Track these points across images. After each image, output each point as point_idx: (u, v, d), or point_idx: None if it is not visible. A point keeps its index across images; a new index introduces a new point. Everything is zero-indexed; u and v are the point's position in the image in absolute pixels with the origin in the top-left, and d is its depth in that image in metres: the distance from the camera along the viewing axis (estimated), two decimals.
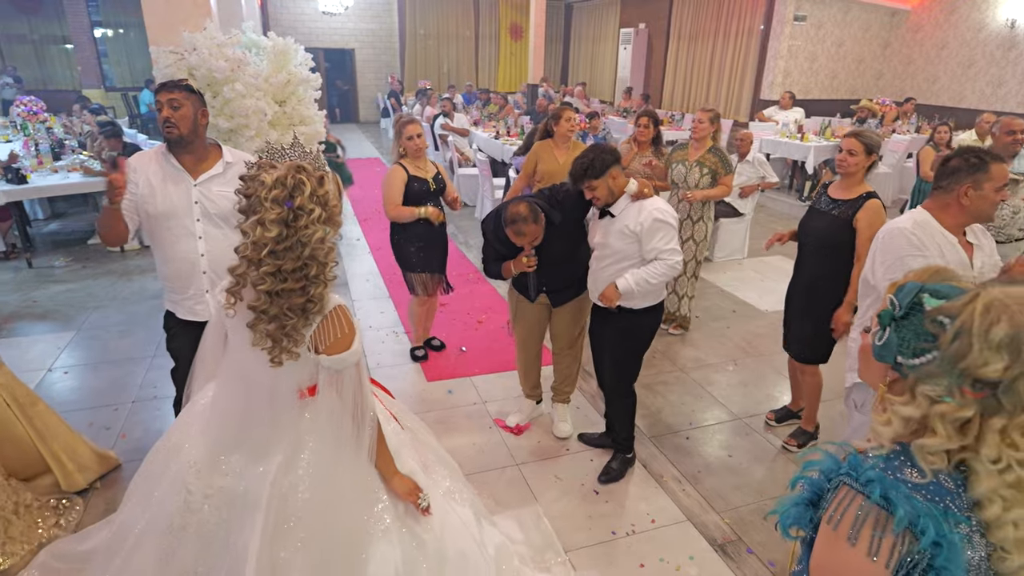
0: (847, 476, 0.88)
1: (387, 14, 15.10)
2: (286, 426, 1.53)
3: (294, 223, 1.32)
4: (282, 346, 1.39)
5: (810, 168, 7.66)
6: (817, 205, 2.75)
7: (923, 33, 10.05)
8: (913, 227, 2.02)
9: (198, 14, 4.03)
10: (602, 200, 2.43)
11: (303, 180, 1.33)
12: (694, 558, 2.34)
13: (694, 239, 4.04)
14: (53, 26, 12.43)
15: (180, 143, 2.20)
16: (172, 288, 2.34)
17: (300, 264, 1.34)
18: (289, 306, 1.36)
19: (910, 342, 0.89)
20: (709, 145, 3.90)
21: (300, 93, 4.11)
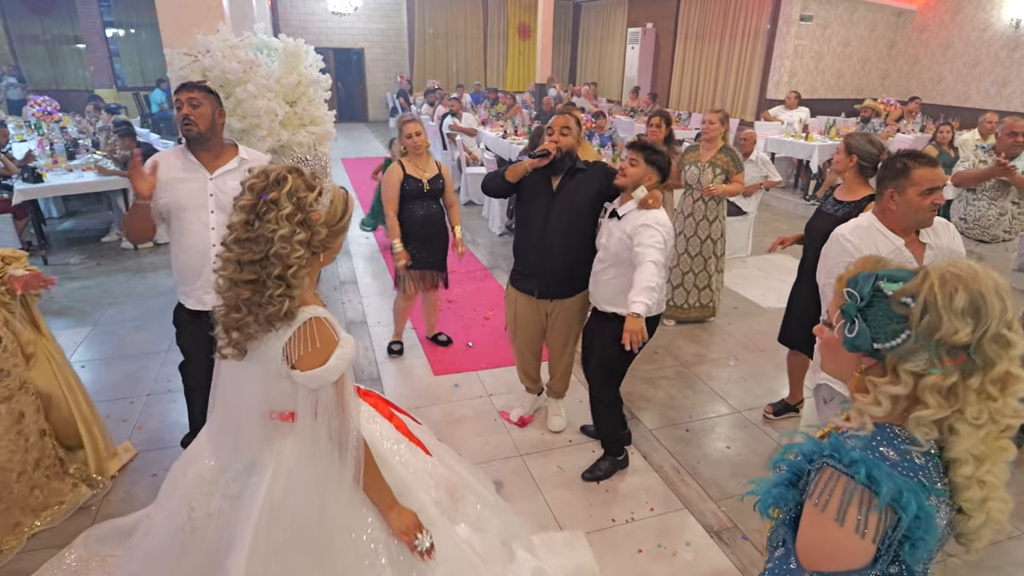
0: (830, 458, 0.92)
1: (396, 14, 15.21)
2: (247, 443, 1.46)
3: (264, 215, 1.29)
4: (230, 337, 1.34)
5: (814, 167, 7.70)
6: (823, 207, 2.81)
7: (928, 33, 10.04)
8: (850, 233, 2.10)
9: (211, 17, 4.13)
10: (625, 180, 2.48)
11: (286, 177, 1.31)
12: (691, 544, 2.42)
13: (711, 238, 4.14)
14: (65, 26, 12.61)
15: (199, 140, 2.30)
16: (183, 279, 2.44)
17: (260, 258, 1.29)
18: (247, 299, 1.31)
19: (883, 326, 0.93)
20: (720, 145, 3.97)
21: (311, 94, 4.21)
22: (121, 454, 2.77)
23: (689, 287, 4.29)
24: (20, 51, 12.42)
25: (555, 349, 2.98)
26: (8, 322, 2.31)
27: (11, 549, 2.28)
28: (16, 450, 2.28)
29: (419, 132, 3.43)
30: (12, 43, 12.32)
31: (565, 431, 3.13)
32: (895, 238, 2.05)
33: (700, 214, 4.10)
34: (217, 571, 1.43)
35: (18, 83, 11.35)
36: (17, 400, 2.28)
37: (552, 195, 2.71)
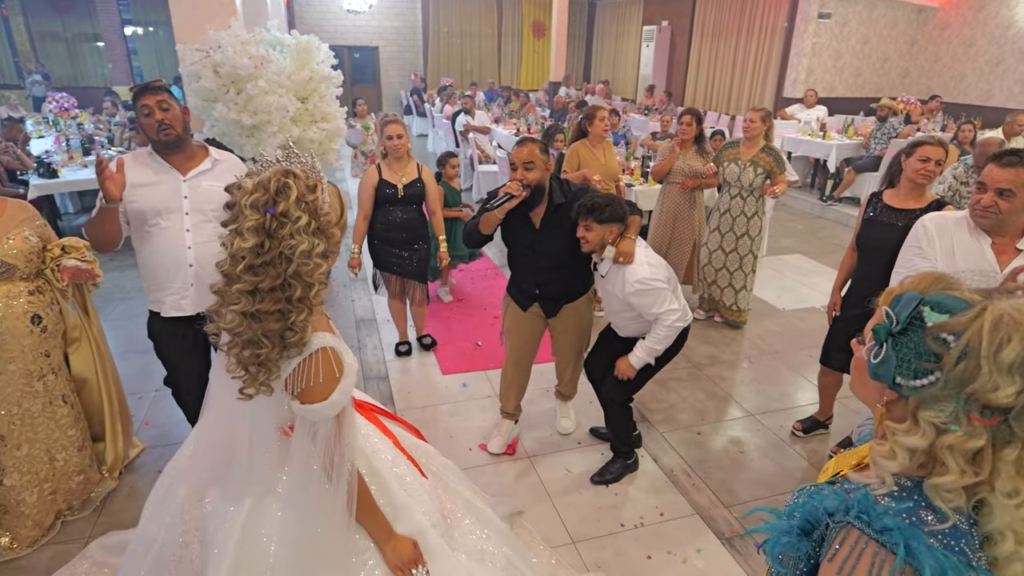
0: (858, 520, 0.80)
1: (411, 12, 15.22)
2: (262, 468, 1.36)
3: (276, 232, 1.14)
4: (255, 377, 1.21)
5: (832, 167, 7.56)
6: (878, 217, 2.57)
7: (950, 31, 9.84)
8: (932, 219, 1.98)
9: (224, 13, 4.14)
10: (589, 246, 2.37)
11: (289, 184, 1.15)
12: (701, 551, 2.36)
13: (749, 234, 4.07)
14: (85, 24, 12.78)
15: (176, 144, 2.21)
16: (156, 285, 2.35)
17: (281, 283, 1.16)
18: (264, 331, 1.17)
19: (910, 361, 0.79)
20: (762, 144, 3.90)
21: (322, 90, 4.20)
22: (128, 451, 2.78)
23: (724, 285, 4.23)
24: (41, 49, 12.63)
25: (564, 355, 2.89)
26: (56, 303, 2.35)
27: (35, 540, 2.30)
28: (55, 428, 2.33)
29: (400, 135, 3.31)
30: (33, 41, 12.53)
31: (574, 432, 3.08)
32: (983, 236, 1.90)
33: (738, 210, 4.04)
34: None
35: (43, 80, 11.53)
36: (54, 382, 2.33)
37: (535, 233, 2.52)
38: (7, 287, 2.18)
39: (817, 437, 3.14)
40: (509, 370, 2.89)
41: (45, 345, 2.29)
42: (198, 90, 3.79)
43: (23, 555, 2.27)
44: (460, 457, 2.87)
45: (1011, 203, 1.81)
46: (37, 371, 2.26)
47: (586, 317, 2.80)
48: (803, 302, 4.86)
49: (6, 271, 2.17)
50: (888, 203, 2.56)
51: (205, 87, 3.75)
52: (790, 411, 3.32)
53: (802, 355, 3.97)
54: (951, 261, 1.94)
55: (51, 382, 2.32)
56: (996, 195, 1.83)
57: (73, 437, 2.41)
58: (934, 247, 1.96)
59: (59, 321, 2.37)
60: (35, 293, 2.26)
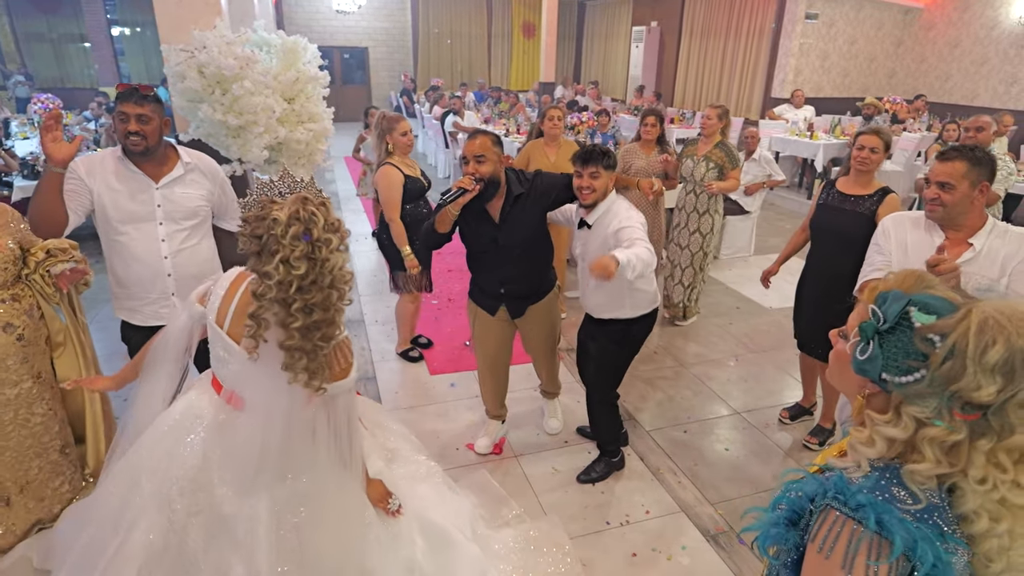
0: (835, 500, 0.84)
1: (401, 13, 15.19)
2: (298, 453, 1.53)
3: (316, 255, 1.32)
4: (323, 375, 1.41)
5: (819, 166, 7.62)
6: (829, 201, 2.75)
7: (936, 31, 9.94)
8: (892, 219, 2.09)
9: (209, 13, 4.11)
10: (594, 196, 2.35)
11: (314, 212, 1.32)
12: (686, 548, 2.38)
13: (700, 231, 4.08)
14: (71, 24, 12.65)
15: (143, 154, 2.17)
16: (131, 294, 2.31)
17: (326, 295, 1.35)
18: (322, 336, 1.37)
19: (897, 358, 0.83)
20: (717, 140, 3.93)
21: (309, 91, 4.17)
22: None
23: (676, 281, 4.26)
24: (26, 49, 12.48)
25: (538, 354, 2.89)
26: (36, 309, 2.28)
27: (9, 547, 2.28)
28: (27, 435, 2.27)
29: (411, 130, 3.40)
30: (18, 41, 12.38)
31: (561, 431, 3.09)
32: (936, 232, 1.98)
33: (691, 206, 4.07)
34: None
35: (26, 81, 11.40)
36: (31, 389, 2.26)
37: (496, 227, 2.48)
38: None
39: (804, 425, 3.19)
40: (486, 376, 2.87)
41: (22, 353, 2.21)
42: (183, 91, 3.76)
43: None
44: (448, 457, 2.88)
45: (952, 195, 1.90)
46: (11, 380, 2.18)
47: (554, 313, 2.78)
48: (790, 300, 4.85)
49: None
50: (839, 189, 2.72)
51: (190, 88, 3.72)
52: (776, 408, 3.34)
53: (789, 353, 3.99)
54: (904, 256, 2.02)
55: (27, 390, 2.24)
56: (938, 188, 1.92)
57: (47, 444, 2.33)
58: (890, 243, 2.07)
59: (39, 327, 2.31)
60: (9, 301, 2.18)
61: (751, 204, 5.63)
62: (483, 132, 2.42)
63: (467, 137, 2.45)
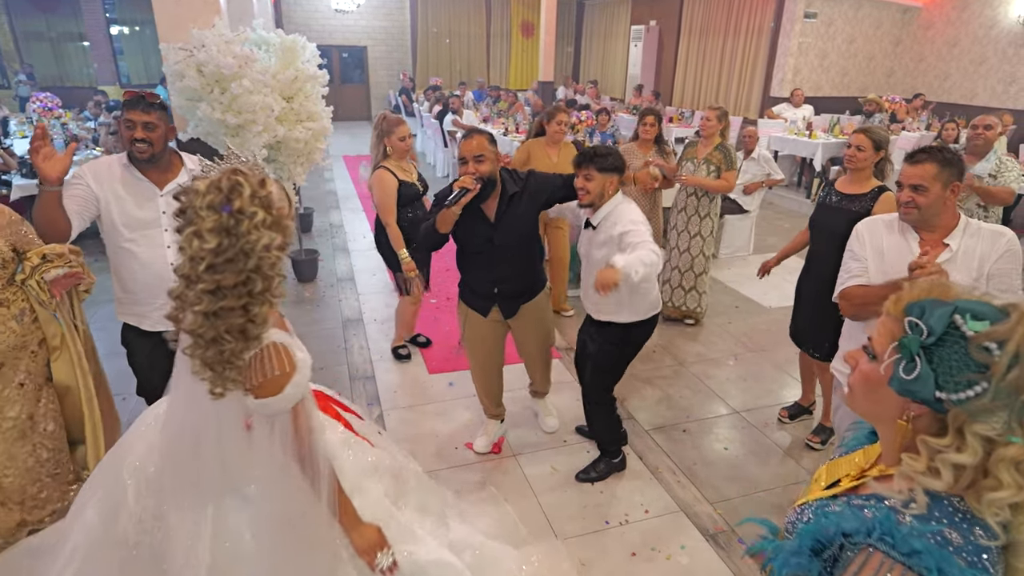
0: (881, 542, 0.76)
1: (399, 12, 15.17)
2: (234, 465, 1.36)
3: (235, 230, 1.15)
4: (223, 375, 1.22)
5: (818, 165, 7.63)
6: (827, 201, 2.77)
7: (934, 30, 9.95)
8: (865, 224, 2.08)
9: (208, 11, 4.11)
10: (589, 197, 2.36)
11: (240, 181, 1.17)
12: (685, 547, 2.38)
13: (701, 234, 4.09)
14: (70, 23, 12.63)
15: (149, 160, 2.18)
16: (137, 300, 2.31)
17: (243, 278, 1.18)
18: (228, 327, 1.18)
19: (953, 373, 0.74)
20: (717, 143, 3.93)
21: (307, 89, 4.17)
22: None
23: (675, 284, 4.25)
24: (25, 48, 12.47)
25: (533, 354, 2.87)
26: (28, 313, 2.22)
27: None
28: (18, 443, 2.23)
29: (412, 134, 3.35)
30: (17, 40, 12.37)
31: (560, 430, 3.09)
32: (911, 235, 1.97)
33: (692, 209, 4.08)
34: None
35: (28, 80, 11.40)
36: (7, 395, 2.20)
37: (491, 226, 2.47)
38: None
39: (803, 424, 3.19)
40: (479, 377, 2.85)
41: (11, 356, 2.14)
42: (182, 89, 3.75)
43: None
44: (446, 456, 2.88)
45: (926, 197, 1.90)
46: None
47: (546, 312, 2.80)
48: (789, 300, 4.85)
49: None
50: (838, 188, 2.75)
51: (189, 86, 3.72)
52: (775, 408, 3.34)
53: (788, 352, 3.99)
54: (881, 261, 2.01)
55: (5, 397, 2.16)
56: (912, 191, 1.92)
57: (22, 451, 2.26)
58: (865, 249, 2.05)
59: (29, 332, 2.23)
60: (4, 304, 2.11)
61: (750, 203, 5.63)
62: (479, 131, 2.43)
63: (462, 137, 2.44)
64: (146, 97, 2.16)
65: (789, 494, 2.70)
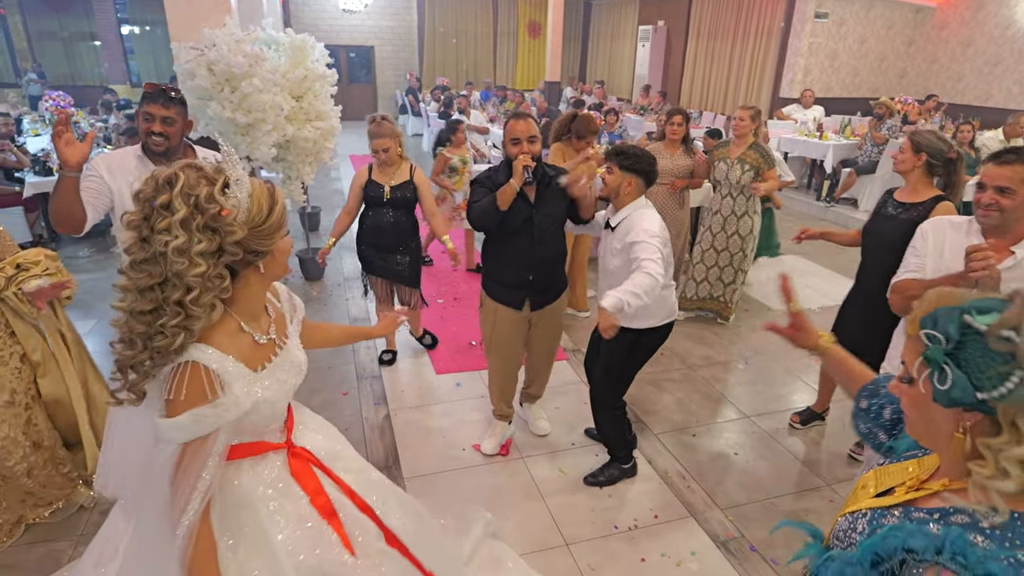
0: (953, 563, 0.73)
1: (406, 12, 15.18)
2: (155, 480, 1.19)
3: (156, 226, 1.06)
4: (127, 380, 1.13)
5: (828, 167, 7.56)
6: (883, 210, 2.66)
7: (948, 31, 9.84)
8: (932, 224, 2.00)
9: (219, 11, 4.12)
10: (607, 189, 2.40)
11: (178, 175, 1.07)
12: (696, 554, 2.35)
13: (739, 233, 4.07)
14: (82, 23, 12.75)
15: (163, 154, 2.19)
16: None
17: (157, 282, 1.07)
18: (142, 333, 1.09)
19: (984, 370, 0.74)
20: (750, 142, 3.91)
21: (316, 89, 4.17)
22: None
23: (714, 280, 4.25)
24: (38, 47, 12.60)
25: (541, 355, 2.88)
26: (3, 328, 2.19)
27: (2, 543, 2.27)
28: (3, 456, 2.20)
29: (387, 148, 3.16)
30: (31, 39, 12.49)
31: (568, 434, 3.07)
32: (977, 239, 1.88)
33: (728, 209, 4.05)
34: None
35: (39, 79, 11.50)
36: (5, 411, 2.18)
37: (532, 207, 2.52)
38: None
39: (813, 432, 3.15)
40: (501, 378, 2.84)
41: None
42: (192, 88, 3.76)
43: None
44: (453, 457, 2.86)
45: (1012, 200, 1.82)
46: None
47: (562, 316, 2.84)
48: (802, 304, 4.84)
49: None
50: (895, 197, 2.65)
51: (200, 85, 3.73)
52: (785, 413, 3.30)
53: (798, 357, 3.95)
54: (940, 261, 1.96)
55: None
56: (996, 193, 1.84)
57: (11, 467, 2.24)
58: (926, 246, 2.00)
59: (5, 347, 2.20)
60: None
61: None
62: (526, 114, 2.52)
63: (512, 118, 2.48)
64: (166, 91, 2.15)
65: (802, 501, 2.66)
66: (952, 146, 2.48)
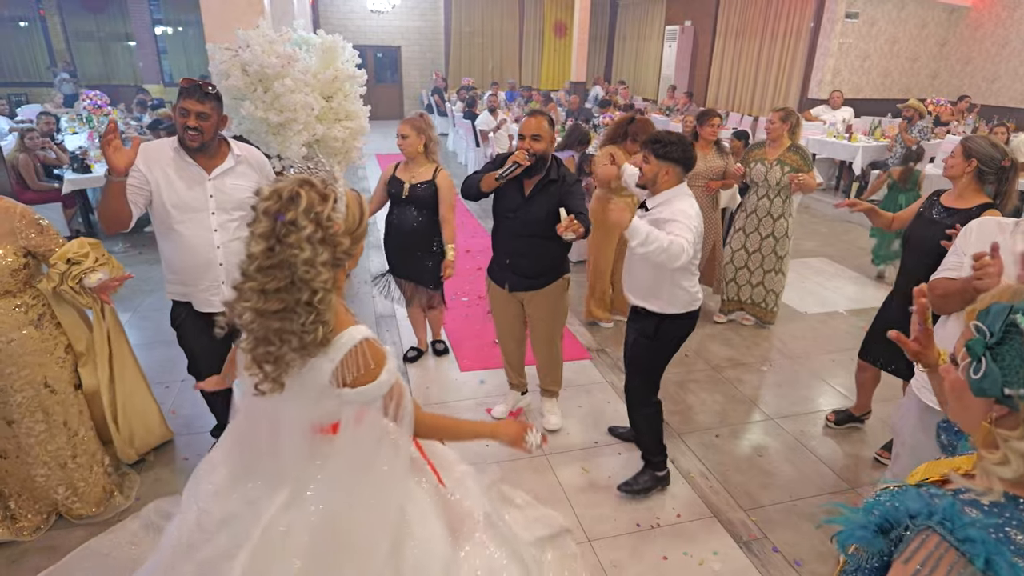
0: (940, 525, 0.79)
1: (433, 12, 15.30)
2: (290, 462, 1.41)
3: (284, 239, 1.21)
4: (268, 375, 1.27)
5: (857, 169, 7.45)
6: (927, 213, 2.62)
7: (983, 31, 9.61)
8: (979, 223, 1.95)
9: (252, 12, 4.21)
10: (643, 179, 2.39)
11: (300, 194, 1.22)
12: (718, 553, 2.35)
13: (774, 235, 4.06)
14: (118, 24, 13.11)
15: (199, 148, 2.25)
16: (183, 280, 2.38)
17: (286, 284, 1.22)
18: (277, 330, 1.24)
19: (1016, 369, 0.78)
20: (787, 143, 3.89)
21: (346, 89, 4.24)
22: (152, 438, 2.79)
23: (742, 283, 4.23)
24: (76, 47, 13.00)
25: (537, 341, 2.96)
26: (48, 317, 2.27)
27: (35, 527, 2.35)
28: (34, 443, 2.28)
29: (406, 135, 3.22)
30: (68, 40, 12.89)
31: (592, 432, 3.09)
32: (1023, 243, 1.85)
33: (764, 210, 4.04)
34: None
35: (70, 78, 11.84)
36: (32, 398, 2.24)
37: (523, 200, 2.63)
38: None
39: (840, 434, 3.12)
40: (501, 344, 3.07)
41: (22, 362, 2.18)
42: (227, 88, 3.84)
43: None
44: (477, 452, 2.89)
45: None
46: (14, 387, 2.18)
47: (556, 305, 2.86)
48: (826, 306, 4.80)
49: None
50: (941, 202, 2.60)
51: (233, 85, 3.81)
52: (811, 415, 3.28)
53: (824, 360, 3.92)
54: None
55: (29, 398, 2.22)
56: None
57: (54, 453, 2.32)
58: (969, 245, 1.95)
59: (51, 337, 2.27)
60: (21, 309, 2.15)
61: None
62: (540, 113, 2.61)
63: (526, 115, 2.67)
64: (202, 87, 2.21)
65: (826, 504, 2.64)
66: (1007, 154, 2.41)
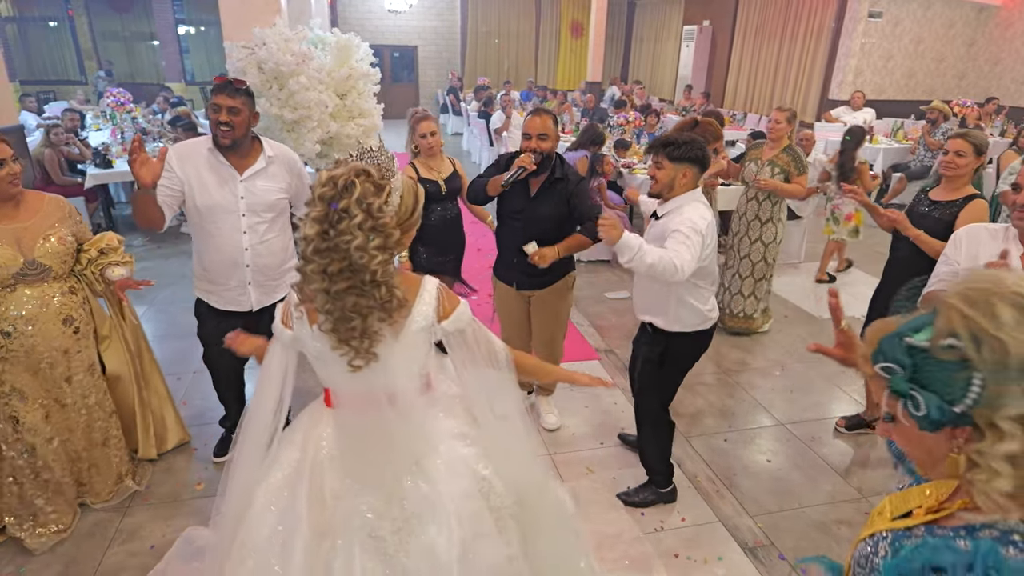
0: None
1: (450, 12, 15.36)
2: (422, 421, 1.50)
3: (336, 225, 1.25)
4: (358, 349, 1.33)
5: (878, 171, 7.31)
6: (917, 208, 2.62)
7: (1013, 30, 9.38)
8: (966, 229, 1.96)
9: (269, 11, 4.26)
10: (657, 186, 2.23)
11: (355, 183, 1.26)
12: (723, 559, 2.32)
13: (762, 240, 3.96)
14: (142, 23, 13.40)
15: (232, 146, 2.26)
16: (212, 279, 2.41)
17: (346, 265, 1.27)
18: (355, 305, 1.29)
19: (948, 384, 0.74)
20: (784, 145, 3.82)
21: (360, 87, 4.27)
22: (171, 438, 2.83)
23: (735, 291, 4.14)
24: (102, 47, 13.33)
25: (539, 338, 2.94)
26: (88, 303, 2.33)
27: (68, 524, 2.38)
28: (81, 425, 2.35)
29: (434, 132, 3.16)
30: (95, 39, 13.20)
31: (597, 433, 3.07)
32: (1014, 246, 1.83)
33: (752, 213, 3.95)
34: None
35: (106, 77, 12.15)
36: (82, 381, 2.32)
37: (528, 200, 2.61)
38: (40, 289, 2.12)
39: (851, 441, 3.07)
40: (509, 343, 2.91)
41: (77, 346, 2.26)
42: None
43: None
44: None
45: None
46: (65, 372, 2.24)
47: (560, 304, 2.85)
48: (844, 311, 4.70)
49: (41, 272, 2.11)
50: (930, 196, 2.62)
51: (250, 83, 3.87)
52: (823, 421, 3.23)
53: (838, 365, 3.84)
54: (974, 268, 1.89)
55: (79, 382, 2.29)
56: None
57: (97, 432, 2.41)
58: (959, 254, 1.95)
59: (90, 320, 2.35)
60: (67, 294, 2.22)
61: (804, 209, 5.45)
62: (545, 111, 2.57)
63: (530, 114, 2.58)
64: (233, 82, 2.24)
65: (835, 512, 2.60)
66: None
